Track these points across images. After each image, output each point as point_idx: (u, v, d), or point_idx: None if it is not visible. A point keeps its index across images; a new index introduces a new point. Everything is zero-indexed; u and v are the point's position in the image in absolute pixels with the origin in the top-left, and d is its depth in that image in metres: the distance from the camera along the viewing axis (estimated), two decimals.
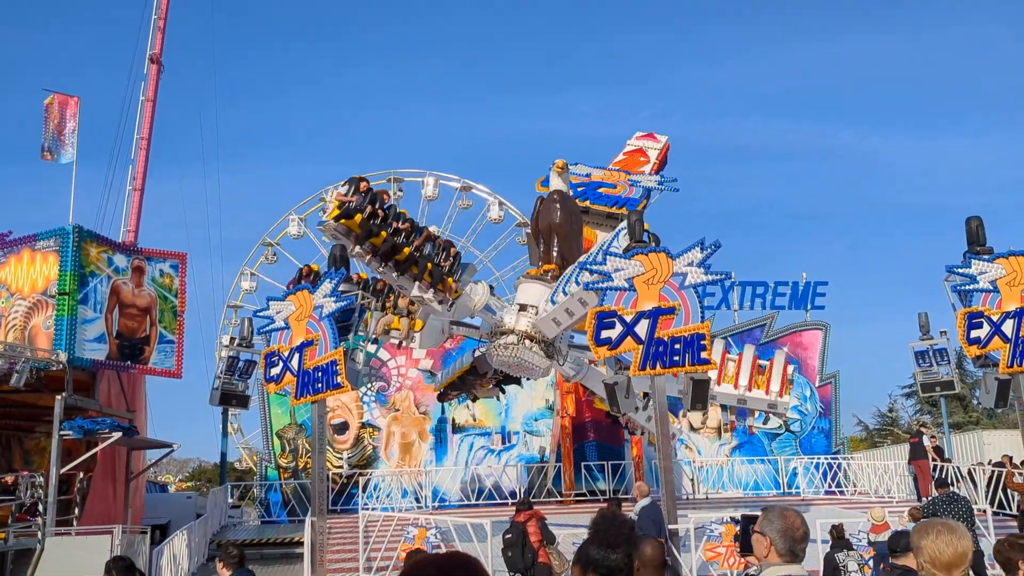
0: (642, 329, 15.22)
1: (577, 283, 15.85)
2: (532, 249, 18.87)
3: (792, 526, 3.75)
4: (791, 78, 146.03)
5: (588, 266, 15.51)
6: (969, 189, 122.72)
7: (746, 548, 4.25)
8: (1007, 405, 18.06)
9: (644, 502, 13.44)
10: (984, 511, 17.12)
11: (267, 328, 16.48)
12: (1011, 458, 23.12)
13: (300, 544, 18.51)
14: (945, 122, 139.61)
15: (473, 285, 17.16)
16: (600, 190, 21.37)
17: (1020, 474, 18.92)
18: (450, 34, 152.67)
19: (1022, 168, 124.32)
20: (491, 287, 17.99)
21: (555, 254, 17.65)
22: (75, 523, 17.77)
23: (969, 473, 21.84)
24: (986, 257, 17.42)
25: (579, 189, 20.78)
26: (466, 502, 26.08)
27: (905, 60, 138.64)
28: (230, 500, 26.29)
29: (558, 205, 17.86)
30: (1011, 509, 19.04)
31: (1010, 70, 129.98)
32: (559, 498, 25.79)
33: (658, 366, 15.21)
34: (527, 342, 16.52)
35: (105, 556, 15.33)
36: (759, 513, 3.90)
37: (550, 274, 17.37)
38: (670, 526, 14.57)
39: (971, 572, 12.77)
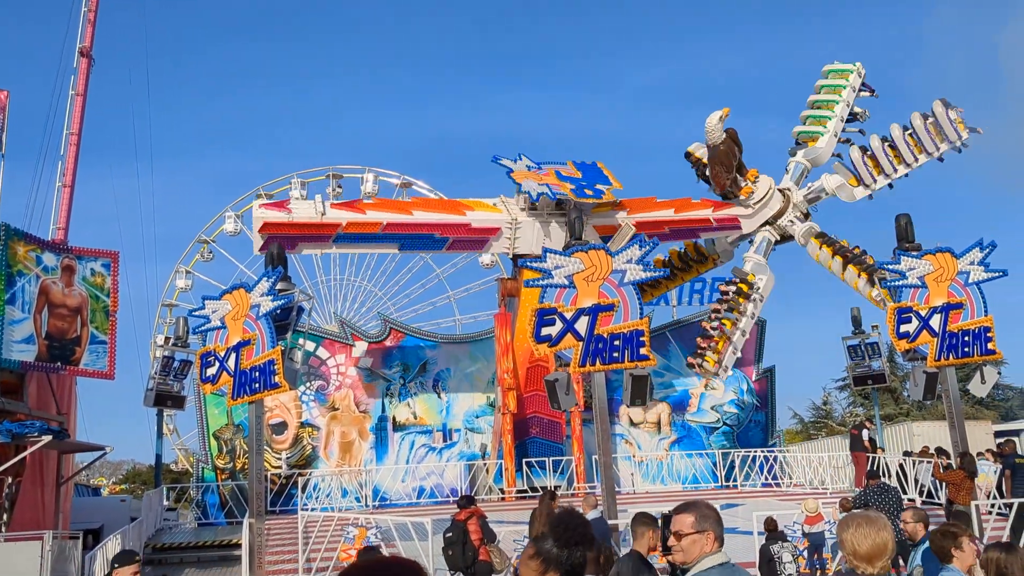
0: (582, 326, 15.33)
1: None
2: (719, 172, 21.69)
3: (716, 511, 3.94)
4: (724, 75, 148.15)
5: None
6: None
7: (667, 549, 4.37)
8: (935, 397, 18.62)
9: (593, 515, 13.54)
10: (913, 500, 17.59)
11: (203, 327, 16.22)
12: (939, 450, 23.77)
13: (238, 546, 18.25)
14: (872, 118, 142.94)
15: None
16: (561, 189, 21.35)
17: (948, 463, 19.45)
18: (390, 31, 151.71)
19: (948, 163, 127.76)
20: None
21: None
22: (3, 529, 17.28)
23: (900, 465, 22.42)
24: (914, 254, 17.91)
25: (577, 184, 20.67)
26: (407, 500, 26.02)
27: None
28: (166, 502, 25.81)
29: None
30: (939, 498, 19.57)
31: (932, 64, 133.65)
32: (501, 495, 25.83)
33: (598, 362, 15.34)
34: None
35: (35, 563, 14.95)
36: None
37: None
38: (610, 521, 14.72)
39: (901, 561, 12.93)
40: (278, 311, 15.55)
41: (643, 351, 15.45)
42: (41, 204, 25.74)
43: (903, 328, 17.58)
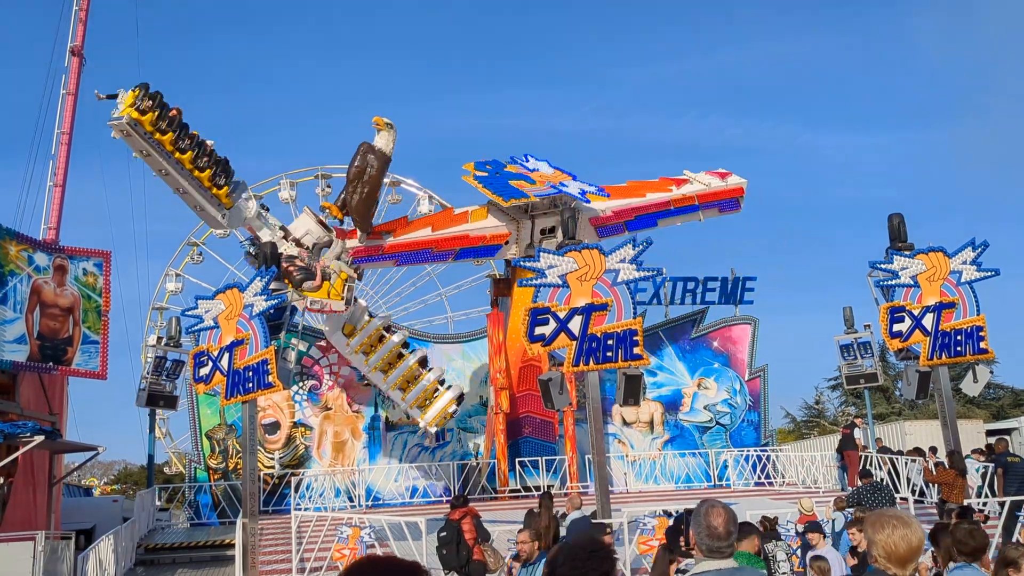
0: (575, 325, 15.33)
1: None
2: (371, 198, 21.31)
3: (711, 524, 3.89)
4: (729, 77, 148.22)
5: None
6: (889, 183, 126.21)
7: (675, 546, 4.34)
8: (927, 396, 18.66)
9: (575, 515, 13.49)
10: (906, 499, 17.64)
11: (196, 327, 16.18)
12: (924, 450, 23.85)
13: (231, 546, 18.21)
14: (866, 118, 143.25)
15: (246, 201, 19.70)
16: (511, 183, 21.72)
17: (938, 462, 19.51)
18: (378, 30, 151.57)
19: (939, 163, 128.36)
20: (263, 206, 20.40)
21: (341, 198, 20.96)
22: None
23: (892, 463, 22.47)
24: (907, 253, 17.95)
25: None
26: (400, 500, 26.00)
27: (833, 60, 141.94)
28: (158, 503, 25.74)
29: (359, 154, 20.51)
30: (931, 497, 19.62)
31: (924, 68, 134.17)
32: (494, 495, 25.82)
33: (591, 362, 15.35)
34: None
35: (28, 564, 14.87)
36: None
37: (327, 213, 21.00)
38: (604, 520, 14.72)
39: None
40: (271, 311, 15.54)
41: (636, 350, 15.46)
42: (32, 203, 25.67)
43: (896, 327, 17.62)
